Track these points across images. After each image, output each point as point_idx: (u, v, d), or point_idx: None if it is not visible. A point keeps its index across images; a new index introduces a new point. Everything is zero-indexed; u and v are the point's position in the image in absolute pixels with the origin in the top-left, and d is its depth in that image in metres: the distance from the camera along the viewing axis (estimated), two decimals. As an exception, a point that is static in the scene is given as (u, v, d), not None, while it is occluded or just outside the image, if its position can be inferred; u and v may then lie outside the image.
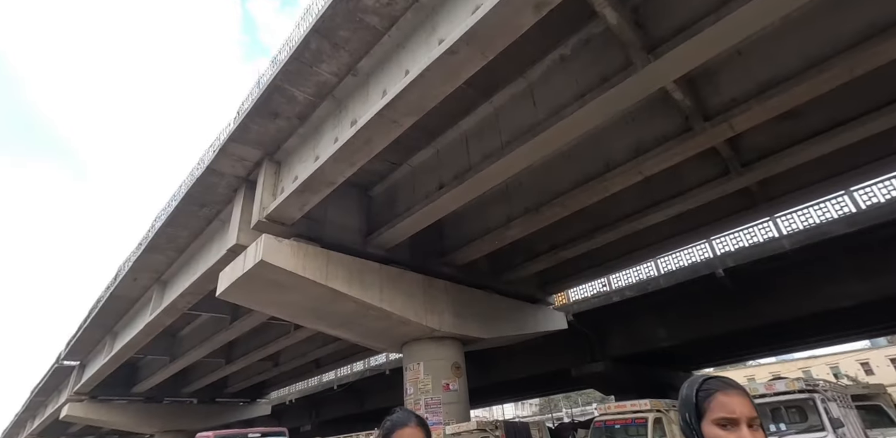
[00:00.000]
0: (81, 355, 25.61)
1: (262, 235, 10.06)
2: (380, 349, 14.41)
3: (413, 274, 12.60)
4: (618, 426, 8.28)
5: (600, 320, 17.63)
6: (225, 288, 10.97)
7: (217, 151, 11.18)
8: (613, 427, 8.38)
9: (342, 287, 10.79)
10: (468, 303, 13.61)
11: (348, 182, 11.36)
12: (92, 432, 38.41)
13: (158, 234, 14.24)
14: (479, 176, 10.08)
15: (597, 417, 9.40)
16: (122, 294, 18.30)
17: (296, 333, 19.79)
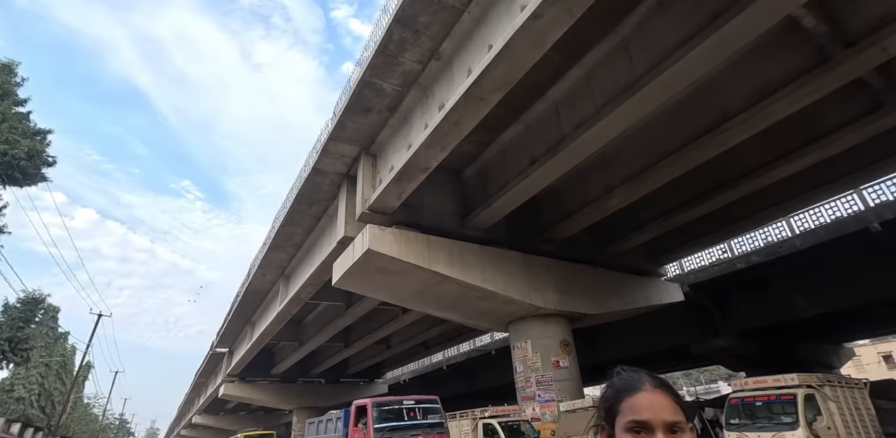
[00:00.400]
0: (229, 343, 29.44)
1: (367, 225, 10.59)
2: (486, 328, 14.60)
3: (512, 253, 12.50)
4: (759, 403, 7.49)
5: (722, 290, 16.12)
6: (339, 277, 11.79)
7: (319, 151, 11.94)
8: (753, 405, 7.59)
9: (444, 270, 11.04)
10: (572, 279, 13.22)
11: (440, 167, 11.50)
12: (244, 408, 44.40)
13: (278, 233, 15.70)
14: (573, 146, 9.61)
15: (732, 394, 8.61)
16: (255, 289, 20.58)
17: (404, 317, 20.79)
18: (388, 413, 10.40)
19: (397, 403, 10.70)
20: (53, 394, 24.61)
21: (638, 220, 13.87)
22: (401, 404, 10.69)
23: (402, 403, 10.70)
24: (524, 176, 10.64)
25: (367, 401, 10.69)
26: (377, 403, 10.61)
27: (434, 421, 10.62)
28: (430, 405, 11.04)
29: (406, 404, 10.69)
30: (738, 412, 7.82)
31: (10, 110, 14.06)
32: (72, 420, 33.72)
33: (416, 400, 10.89)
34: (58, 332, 26.04)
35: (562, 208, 13.07)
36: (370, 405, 10.48)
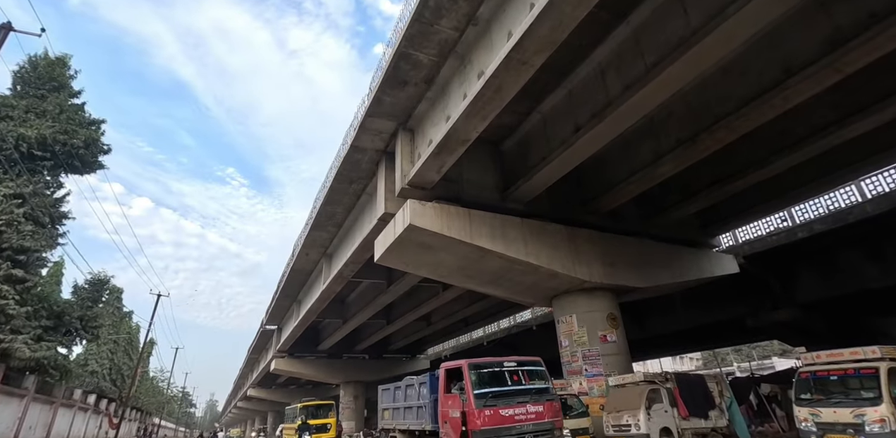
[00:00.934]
0: (278, 320, 30.73)
1: (407, 200, 10.52)
2: (528, 304, 14.48)
3: (555, 226, 12.19)
4: (833, 377, 7.01)
5: (781, 261, 15.24)
6: (381, 254, 11.87)
7: (357, 127, 11.87)
8: (827, 379, 7.11)
9: (486, 244, 10.89)
10: (618, 252, 12.80)
11: (479, 139, 11.21)
12: (293, 382, 46.73)
13: (319, 212, 15.95)
14: (620, 110, 9.10)
15: (802, 368, 8.14)
16: (300, 268, 21.19)
17: (444, 294, 20.94)
18: (488, 377, 8.70)
19: (497, 364, 8.92)
20: (122, 368, 26.65)
21: (688, 188, 13.19)
22: (501, 366, 8.89)
23: (502, 365, 8.91)
24: (567, 145, 10.22)
25: (461, 363, 8.93)
26: (474, 365, 8.79)
27: (541, 386, 8.91)
28: (534, 367, 9.24)
29: (507, 365, 8.93)
30: (809, 386, 7.39)
31: (67, 102, 14.70)
32: (140, 393, 36.52)
33: (517, 361, 9.15)
34: (122, 311, 27.99)
35: (607, 178, 12.57)
36: (466, 366, 8.68)
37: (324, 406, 22.70)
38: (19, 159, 12.54)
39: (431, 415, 10.08)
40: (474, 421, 8.09)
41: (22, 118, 13.11)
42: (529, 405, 8.48)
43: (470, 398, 8.31)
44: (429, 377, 10.98)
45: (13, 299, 11.34)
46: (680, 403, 9.72)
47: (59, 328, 13.70)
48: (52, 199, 13.54)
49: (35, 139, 12.88)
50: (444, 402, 9.23)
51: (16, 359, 11.32)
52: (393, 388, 13.44)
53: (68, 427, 16.32)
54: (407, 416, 11.89)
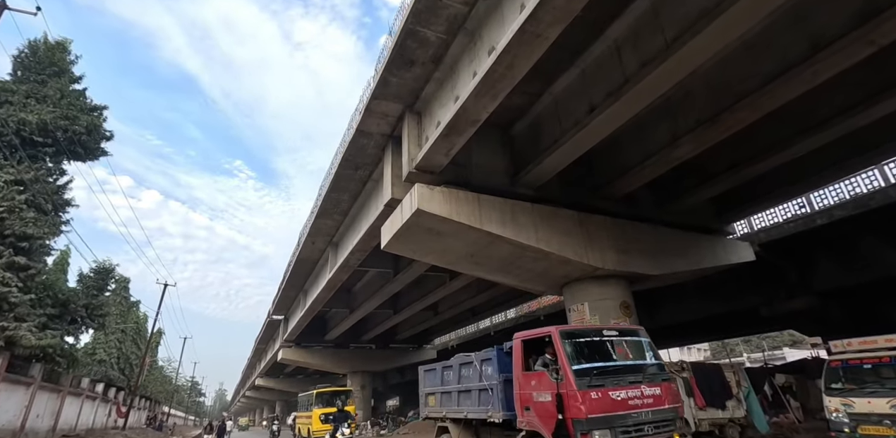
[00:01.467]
0: (284, 310, 30.73)
1: (415, 185, 10.19)
2: (539, 292, 14.19)
3: (567, 211, 11.84)
4: (867, 365, 6.62)
5: (798, 248, 14.84)
6: (388, 241, 11.59)
7: (362, 111, 11.52)
8: (860, 368, 6.71)
9: (496, 229, 10.57)
10: (632, 238, 12.45)
11: (488, 123, 10.84)
12: (301, 372, 47.03)
13: (325, 200, 15.67)
14: (638, 88, 8.67)
15: (832, 356, 7.77)
16: (305, 257, 21.02)
17: (451, 283, 20.72)
18: (586, 348, 6.80)
19: (594, 333, 7.06)
20: (130, 357, 26.79)
21: (706, 172, 12.77)
22: (600, 334, 7.02)
23: (601, 333, 7.05)
24: (581, 126, 9.82)
25: (548, 330, 6.94)
26: (567, 332, 6.90)
27: (653, 362, 7.11)
28: (637, 338, 7.40)
29: (608, 335, 7.05)
30: (840, 376, 7.04)
31: (68, 88, 14.43)
32: (149, 381, 36.84)
33: (618, 331, 7.29)
34: (130, 301, 28.06)
35: (620, 161, 12.16)
36: (557, 335, 6.73)
37: (341, 393, 21.47)
38: (20, 145, 12.32)
39: (502, 400, 7.89)
40: (576, 407, 6.04)
41: (22, 103, 12.88)
42: (644, 386, 6.53)
43: (569, 375, 6.25)
44: (495, 353, 8.58)
45: (16, 286, 11.21)
46: (696, 393, 9.45)
47: (65, 317, 13.61)
48: (54, 186, 13.35)
49: (36, 125, 12.65)
50: (525, 383, 7.20)
51: (21, 347, 11.22)
52: (440, 368, 10.82)
53: (76, 415, 16.36)
54: (463, 402, 9.45)
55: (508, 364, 7.90)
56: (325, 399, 20.36)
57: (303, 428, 21.58)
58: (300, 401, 24.63)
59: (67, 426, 15.72)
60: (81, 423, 17.19)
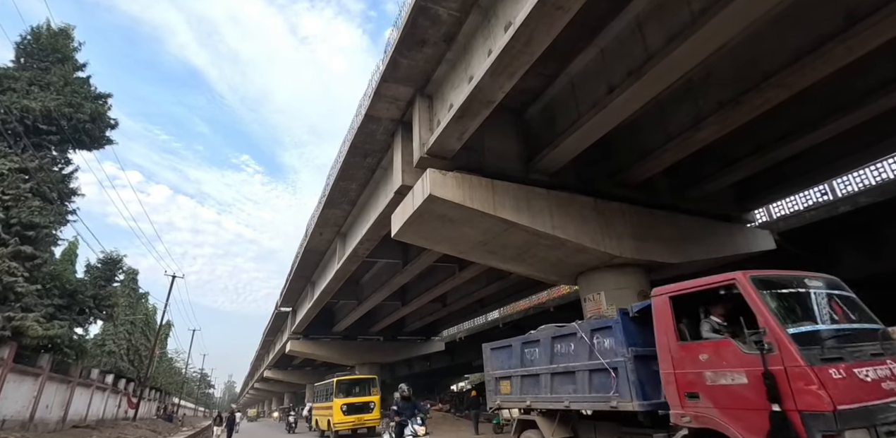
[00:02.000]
0: (292, 302, 30.66)
1: (427, 170, 9.87)
2: (552, 281, 13.87)
3: (583, 198, 11.47)
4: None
5: (820, 237, 14.36)
6: (399, 229, 11.29)
7: (371, 95, 11.18)
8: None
9: (511, 216, 10.24)
10: (649, 226, 12.06)
11: (501, 107, 10.47)
12: (309, 364, 47.23)
13: (333, 189, 15.39)
14: (661, 66, 8.25)
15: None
16: (313, 248, 20.81)
17: (461, 273, 20.45)
18: (796, 304, 4.59)
19: (797, 282, 4.78)
20: (140, 349, 26.88)
21: (728, 157, 12.33)
22: (807, 285, 4.74)
23: (806, 283, 4.77)
24: (600, 107, 9.42)
25: (734, 276, 4.67)
26: (762, 279, 4.64)
27: (875, 327, 4.75)
28: (848, 293, 5.02)
29: (814, 286, 4.76)
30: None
31: (71, 75, 14.17)
32: (159, 373, 37.08)
33: (825, 282, 4.97)
34: (139, 293, 28.09)
35: (639, 146, 11.76)
36: (748, 282, 4.49)
37: (363, 381, 19.02)
38: (24, 133, 12.11)
39: (635, 384, 5.58)
40: (812, 393, 3.80)
41: (25, 90, 12.64)
42: (889, 360, 4.25)
43: (787, 343, 4.03)
44: (618, 318, 6.08)
45: (22, 276, 11.05)
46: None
47: (73, 307, 13.48)
48: (59, 175, 13.15)
49: (40, 112, 12.42)
50: (686, 357, 4.90)
51: (28, 337, 11.09)
52: (518, 345, 8.28)
53: (86, 406, 16.34)
54: (560, 388, 6.97)
55: (637, 334, 5.83)
56: (346, 388, 18.03)
57: (321, 421, 19.04)
58: (317, 391, 22.08)
59: (77, 417, 15.70)
60: (91, 414, 17.19)
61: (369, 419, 16.65)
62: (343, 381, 18.32)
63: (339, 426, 16.13)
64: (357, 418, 16.07)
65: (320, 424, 19.19)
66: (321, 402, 19.95)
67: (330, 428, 16.78)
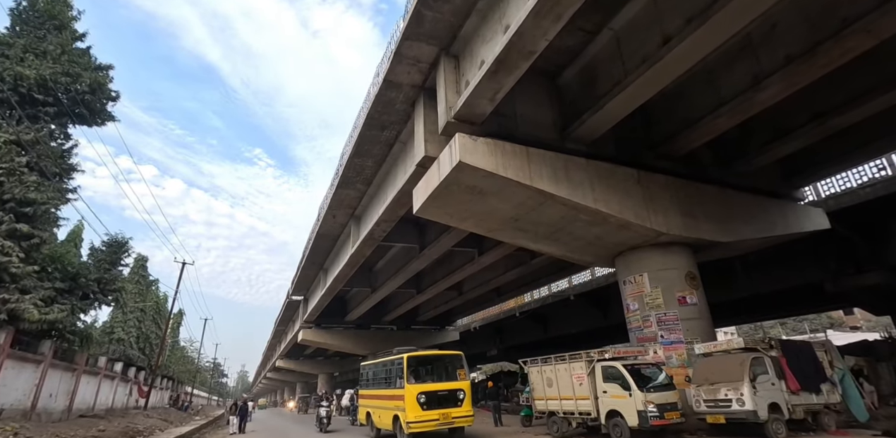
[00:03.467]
0: (304, 290, 29.97)
1: (456, 135, 8.84)
2: (586, 263, 12.85)
3: (625, 169, 10.40)
4: None
5: (874, 217, 13.20)
6: (422, 203, 10.32)
7: (391, 57, 10.14)
8: None
9: (548, 187, 9.20)
10: (696, 201, 10.98)
11: (534, 70, 9.45)
12: (321, 354, 46.85)
13: (347, 166, 14.42)
14: (729, 8, 7.12)
15: None
16: (326, 233, 19.94)
17: (480, 259, 19.48)
18: None
19: None
20: (150, 337, 26.40)
21: (778, 127, 11.17)
22: None
23: None
24: (652, 62, 8.29)
25: None
26: None
27: None
28: None
29: None
30: None
31: (70, 44, 13.26)
32: (171, 362, 36.81)
33: None
34: (148, 280, 27.56)
35: (684, 113, 10.63)
36: None
37: (446, 359, 11.95)
38: (18, 103, 11.27)
39: None
40: None
41: (20, 58, 11.78)
42: None
43: None
44: None
45: (17, 256, 10.29)
46: (789, 374, 8.09)
47: (75, 292, 12.75)
48: (58, 149, 12.33)
49: (35, 80, 11.56)
50: None
51: (25, 322, 10.36)
52: None
53: (94, 395, 15.74)
54: None
55: None
56: (422, 369, 11.52)
57: (378, 415, 12.62)
58: (367, 371, 14.42)
59: (85, 406, 15.10)
60: (100, 403, 16.62)
61: (460, 415, 10.49)
62: (418, 358, 11.39)
63: (416, 426, 10.14)
64: (442, 414, 10.22)
65: (375, 420, 12.82)
66: (374, 388, 13.29)
67: (398, 428, 10.87)
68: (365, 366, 14.77)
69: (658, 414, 7.89)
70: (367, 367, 14.60)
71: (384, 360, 12.70)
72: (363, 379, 14.66)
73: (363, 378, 14.64)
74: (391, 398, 11.52)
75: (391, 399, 11.49)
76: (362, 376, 14.76)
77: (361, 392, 14.86)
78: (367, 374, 14.38)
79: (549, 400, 10.41)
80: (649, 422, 7.85)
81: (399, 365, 11.07)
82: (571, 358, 9.88)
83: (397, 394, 10.99)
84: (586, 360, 9.34)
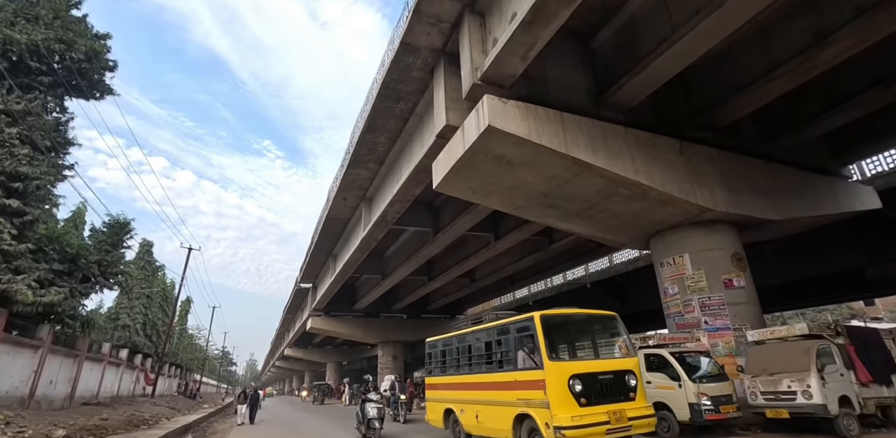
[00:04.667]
0: (313, 278, 29.36)
1: (484, 97, 7.93)
2: (619, 244, 11.96)
3: (666, 139, 9.47)
4: None
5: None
6: (443, 177, 9.46)
7: (409, 15, 9.22)
8: None
9: (586, 156, 8.30)
10: (743, 175, 10.04)
11: (564, 31, 8.48)
12: (329, 343, 46.53)
13: (359, 143, 13.56)
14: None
15: None
16: (336, 216, 19.17)
17: (497, 244, 18.64)
18: None
19: None
20: (157, 324, 25.94)
21: (833, 95, 10.15)
22: None
23: None
24: (710, 11, 7.29)
25: None
26: None
27: None
28: None
29: None
30: None
31: (64, 8, 12.37)
32: (179, 349, 36.53)
33: None
34: (154, 265, 27.03)
35: (731, 79, 9.64)
36: None
37: (592, 322, 7.55)
38: (9, 70, 10.47)
39: None
40: None
41: (10, 21, 10.96)
42: None
43: None
44: None
45: (9, 233, 9.58)
46: (858, 365, 7.22)
47: (75, 274, 12.09)
48: (52, 121, 11.55)
49: (27, 46, 10.76)
50: None
51: (19, 304, 9.70)
52: None
53: (97, 382, 15.20)
54: None
55: None
56: (557, 338, 7.26)
57: (474, 416, 7.69)
58: (445, 350, 9.29)
59: (88, 393, 14.56)
60: (105, 391, 16.11)
61: (638, 414, 6.05)
62: (556, 320, 6.90)
63: (574, 432, 5.63)
64: (613, 412, 5.86)
65: (468, 423, 8.00)
66: (462, 373, 8.54)
67: (535, 431, 6.23)
68: (442, 341, 9.34)
69: (713, 408, 7.06)
70: (445, 342, 9.17)
71: (486, 327, 7.80)
72: (435, 360, 9.57)
73: (435, 359, 9.56)
74: (506, 386, 6.84)
75: (507, 389, 6.82)
76: (433, 356, 9.62)
77: (433, 381, 9.62)
78: (446, 352, 9.13)
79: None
80: (703, 417, 7.04)
81: (525, 332, 6.60)
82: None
83: (524, 380, 6.41)
84: (626, 347, 8.50)
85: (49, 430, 8.80)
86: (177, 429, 12.37)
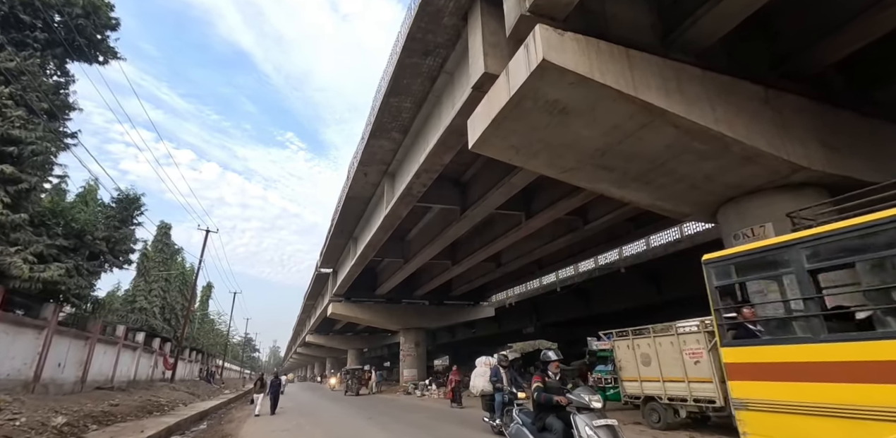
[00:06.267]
0: (333, 262, 28.56)
1: (537, 26, 6.55)
2: (680, 214, 10.49)
3: (749, 85, 7.95)
4: None
5: None
6: (480, 134, 8.16)
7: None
8: None
9: (658, 101, 6.87)
10: (836, 130, 8.45)
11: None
12: (350, 329, 46.12)
13: (381, 109, 12.32)
14: None
15: None
16: (356, 195, 18.10)
17: (529, 223, 17.28)
18: None
19: None
20: (176, 308, 25.53)
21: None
22: None
23: None
24: None
25: None
26: None
27: None
28: None
29: None
30: None
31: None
32: (200, 334, 36.41)
33: None
34: (172, 248, 26.54)
35: (820, 18, 8.04)
36: None
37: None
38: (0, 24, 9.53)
39: None
40: None
41: (-2, -27, 10.00)
42: None
43: None
44: None
45: (2, 201, 8.70)
46: None
47: (81, 250, 11.28)
48: (50, 84, 10.62)
49: (18, 0, 9.80)
50: None
51: (15, 279, 8.86)
52: None
53: (112, 365, 14.57)
54: None
55: None
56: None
57: None
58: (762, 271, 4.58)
59: (102, 377, 13.92)
60: (121, 375, 15.52)
61: None
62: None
63: None
64: None
65: None
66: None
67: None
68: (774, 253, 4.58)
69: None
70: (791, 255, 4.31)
71: None
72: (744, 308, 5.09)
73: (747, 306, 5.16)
74: None
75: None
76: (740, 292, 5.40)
77: (758, 357, 4.47)
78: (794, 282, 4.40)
79: (644, 382, 8.31)
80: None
81: None
82: (682, 330, 7.71)
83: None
84: (706, 331, 7.16)
85: (47, 417, 7.96)
86: (192, 416, 11.56)
